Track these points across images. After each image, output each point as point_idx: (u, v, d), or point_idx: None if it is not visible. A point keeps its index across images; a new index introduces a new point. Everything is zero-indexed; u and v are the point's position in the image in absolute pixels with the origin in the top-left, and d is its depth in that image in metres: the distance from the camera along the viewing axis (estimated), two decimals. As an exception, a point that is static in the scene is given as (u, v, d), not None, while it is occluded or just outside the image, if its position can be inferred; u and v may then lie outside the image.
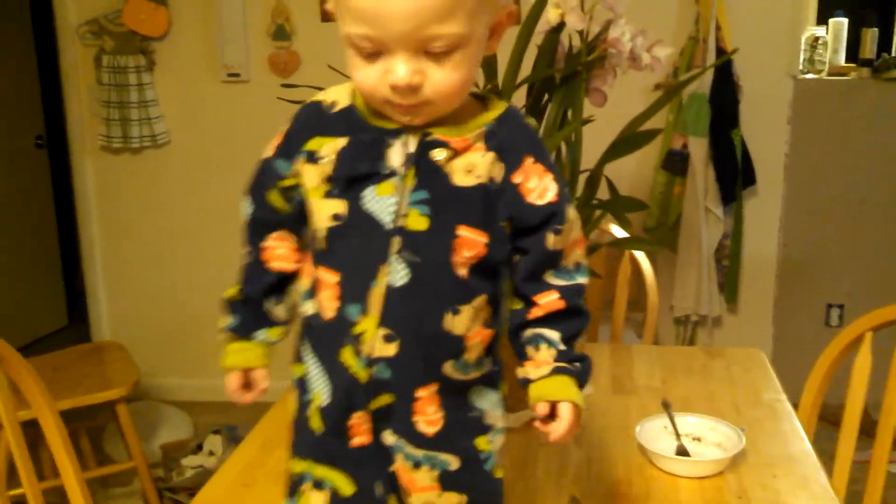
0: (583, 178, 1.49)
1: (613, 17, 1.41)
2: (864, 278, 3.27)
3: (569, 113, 1.45)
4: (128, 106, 3.31)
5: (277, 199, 0.97)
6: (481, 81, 1.40)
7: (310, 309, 0.95)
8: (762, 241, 3.31)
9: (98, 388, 2.46)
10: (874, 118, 3.17)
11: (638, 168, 3.21)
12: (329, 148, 0.91)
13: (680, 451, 1.33)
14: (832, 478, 1.37)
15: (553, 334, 0.94)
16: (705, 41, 3.01)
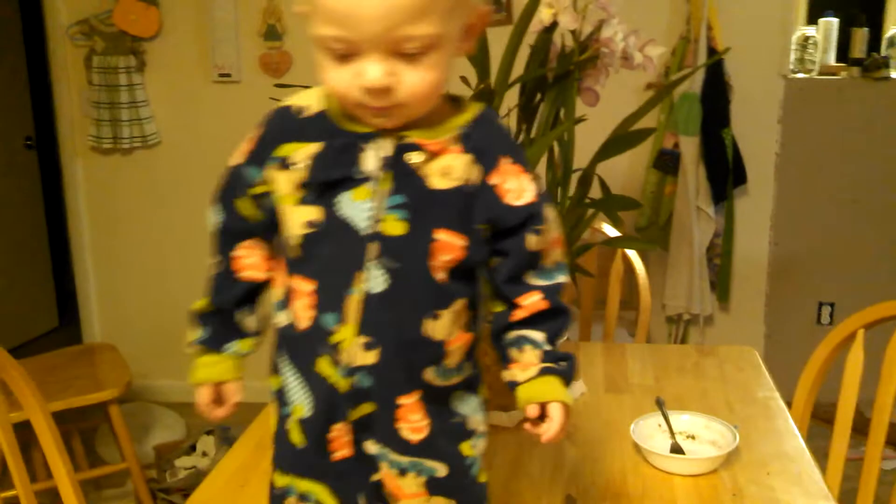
0: (575, 178, 1.50)
1: (606, 17, 1.41)
2: (855, 276, 3.29)
3: (561, 112, 1.45)
4: (118, 107, 3.29)
5: (248, 207, 0.95)
6: (473, 81, 1.40)
7: (283, 319, 0.94)
8: (753, 240, 3.32)
9: (90, 390, 2.45)
10: (864, 117, 3.19)
11: (630, 167, 3.22)
12: (301, 154, 0.89)
13: (674, 449, 1.34)
14: (825, 475, 1.37)
15: (537, 335, 0.93)
16: (696, 41, 3.02)
